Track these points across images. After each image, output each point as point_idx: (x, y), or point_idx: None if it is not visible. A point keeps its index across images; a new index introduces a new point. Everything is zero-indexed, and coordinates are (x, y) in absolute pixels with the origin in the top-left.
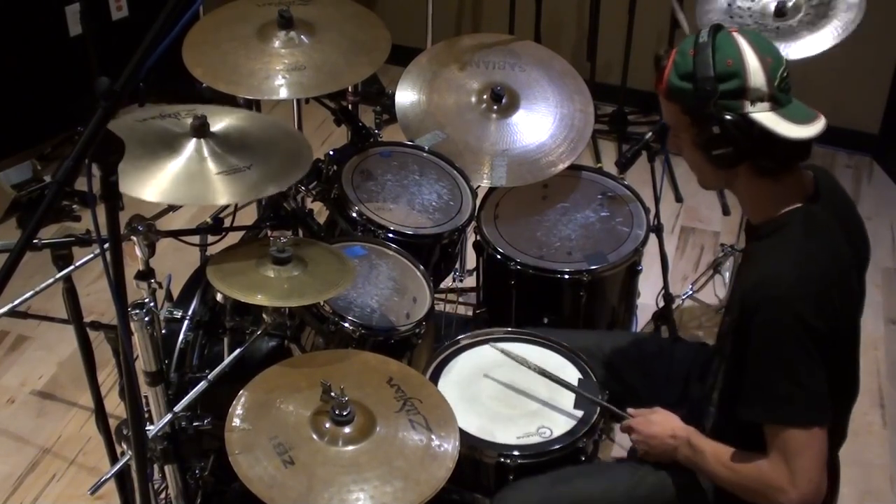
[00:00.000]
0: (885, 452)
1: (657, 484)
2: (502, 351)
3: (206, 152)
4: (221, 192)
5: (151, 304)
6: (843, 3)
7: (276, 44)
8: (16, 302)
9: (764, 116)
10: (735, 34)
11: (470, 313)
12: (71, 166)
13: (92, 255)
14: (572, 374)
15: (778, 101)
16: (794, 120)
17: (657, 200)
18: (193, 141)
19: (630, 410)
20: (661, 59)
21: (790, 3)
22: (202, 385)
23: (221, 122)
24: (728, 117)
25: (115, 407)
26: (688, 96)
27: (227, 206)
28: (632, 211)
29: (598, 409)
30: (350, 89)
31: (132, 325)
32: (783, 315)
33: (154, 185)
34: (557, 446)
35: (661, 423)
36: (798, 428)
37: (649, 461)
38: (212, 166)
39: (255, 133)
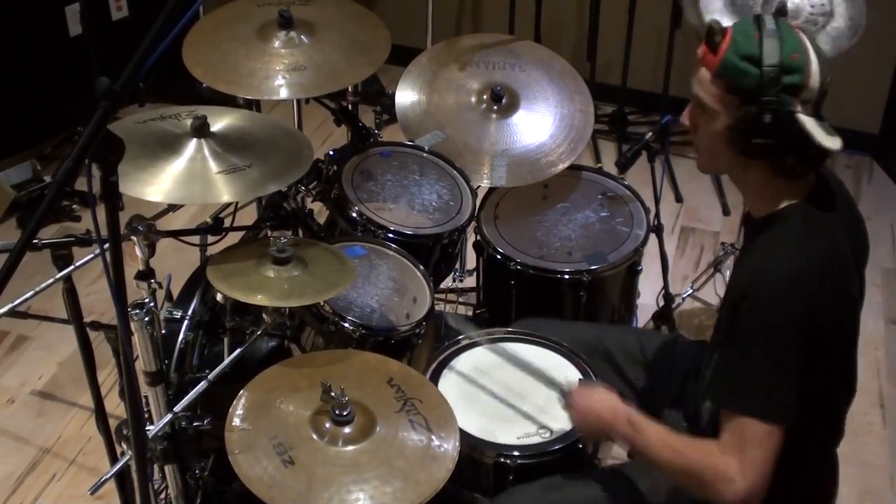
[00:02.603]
0: (885, 452)
1: (650, 489)
2: (497, 352)
3: (206, 152)
4: (223, 191)
5: (151, 304)
6: (841, 18)
7: (276, 44)
8: (16, 302)
9: (806, 119)
10: (797, 29)
11: (470, 313)
12: (71, 166)
13: (92, 255)
14: (572, 375)
15: (818, 107)
16: (825, 129)
17: (657, 200)
18: (194, 141)
19: (571, 385)
20: (716, 32)
21: (792, 3)
22: (202, 385)
23: (221, 122)
24: (780, 110)
25: (115, 407)
26: (747, 78)
27: (227, 207)
28: (632, 211)
29: None
30: (350, 89)
31: (132, 325)
32: (772, 309)
33: (156, 185)
34: (557, 446)
35: (601, 398)
36: (760, 420)
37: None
38: (212, 165)
39: (255, 133)
